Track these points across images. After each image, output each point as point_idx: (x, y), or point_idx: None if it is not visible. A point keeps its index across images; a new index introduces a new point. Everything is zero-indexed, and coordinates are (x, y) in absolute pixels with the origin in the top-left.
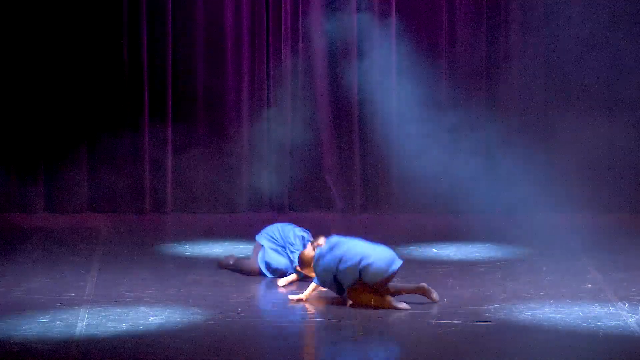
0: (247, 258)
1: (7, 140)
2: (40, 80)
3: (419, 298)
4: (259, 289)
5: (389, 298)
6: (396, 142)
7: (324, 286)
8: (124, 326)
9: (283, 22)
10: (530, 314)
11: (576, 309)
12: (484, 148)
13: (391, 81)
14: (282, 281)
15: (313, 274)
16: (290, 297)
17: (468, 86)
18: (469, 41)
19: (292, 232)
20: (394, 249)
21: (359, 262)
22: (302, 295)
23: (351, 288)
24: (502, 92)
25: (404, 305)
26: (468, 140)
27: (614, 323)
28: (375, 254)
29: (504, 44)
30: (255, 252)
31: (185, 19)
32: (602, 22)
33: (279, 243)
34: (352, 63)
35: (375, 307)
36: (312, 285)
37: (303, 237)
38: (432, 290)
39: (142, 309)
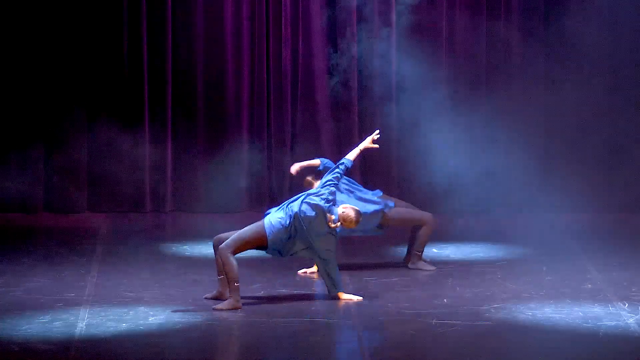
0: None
1: (7, 140)
2: (40, 78)
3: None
4: (260, 289)
5: None
6: (396, 141)
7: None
8: (124, 326)
9: (283, 21)
10: (530, 314)
11: (576, 309)
12: (483, 148)
13: (391, 80)
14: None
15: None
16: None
17: (468, 86)
18: (470, 38)
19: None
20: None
21: None
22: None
23: None
24: (502, 91)
25: None
26: (468, 140)
27: (614, 323)
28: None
29: (504, 42)
30: None
31: (185, 18)
32: (601, 22)
33: None
34: (352, 62)
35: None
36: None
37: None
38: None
39: (142, 309)
